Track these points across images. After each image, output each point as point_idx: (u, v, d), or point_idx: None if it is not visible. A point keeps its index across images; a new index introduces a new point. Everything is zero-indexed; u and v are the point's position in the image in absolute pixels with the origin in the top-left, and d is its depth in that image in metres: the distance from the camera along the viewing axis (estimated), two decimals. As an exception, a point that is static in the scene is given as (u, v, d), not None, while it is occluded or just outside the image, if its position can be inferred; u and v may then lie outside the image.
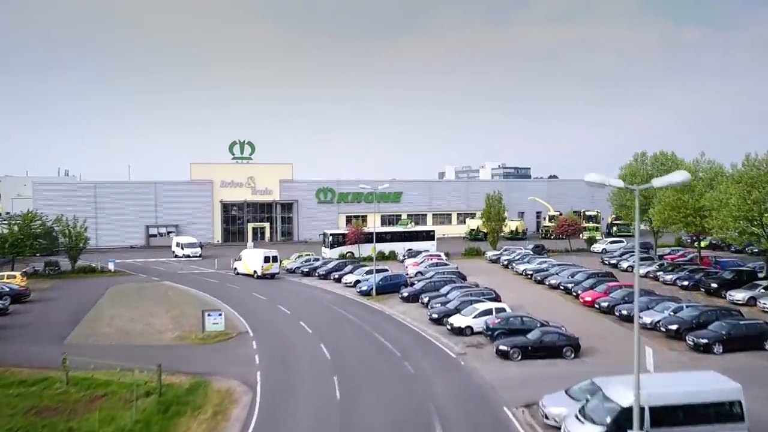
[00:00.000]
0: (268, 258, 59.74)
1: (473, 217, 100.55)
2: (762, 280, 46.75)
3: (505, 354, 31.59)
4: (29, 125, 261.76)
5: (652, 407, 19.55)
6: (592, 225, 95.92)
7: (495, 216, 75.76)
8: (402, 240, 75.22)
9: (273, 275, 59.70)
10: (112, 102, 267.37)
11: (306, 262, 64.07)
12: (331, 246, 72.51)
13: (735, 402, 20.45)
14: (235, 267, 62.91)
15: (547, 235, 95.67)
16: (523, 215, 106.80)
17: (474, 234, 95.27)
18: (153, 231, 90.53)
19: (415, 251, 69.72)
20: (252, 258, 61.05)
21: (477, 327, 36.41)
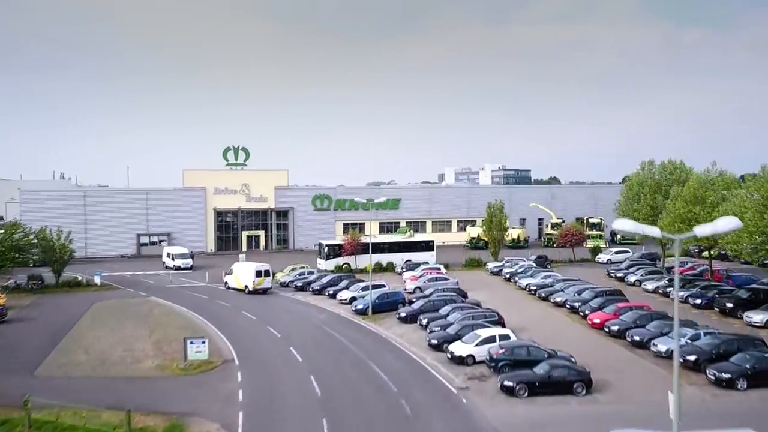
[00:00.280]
0: (260, 272, 57.13)
1: (474, 225, 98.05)
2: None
3: (511, 390, 29.04)
4: (26, 126, 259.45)
5: None
6: (595, 233, 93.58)
7: (497, 225, 73.11)
8: (400, 251, 72.63)
9: (265, 290, 57.09)
10: (111, 102, 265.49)
11: (300, 275, 61.49)
12: (327, 257, 69.92)
13: None
14: (226, 281, 60.30)
15: (550, 243, 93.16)
16: (525, 222, 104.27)
17: (475, 242, 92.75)
18: (144, 240, 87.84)
19: (414, 263, 67.24)
20: (243, 272, 58.41)
21: (479, 356, 33.86)
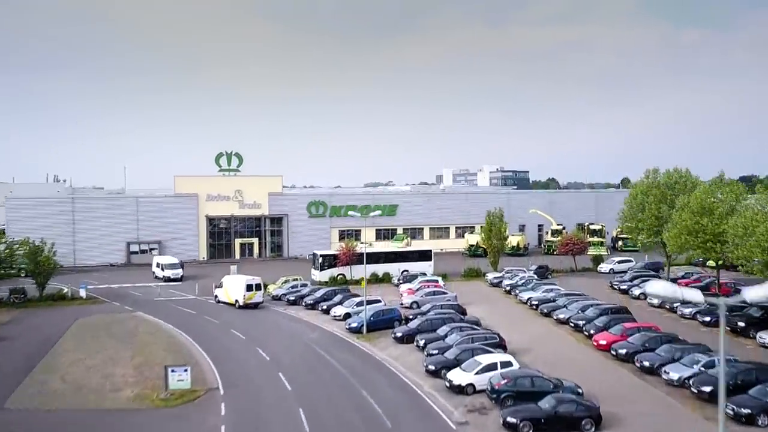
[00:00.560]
0: (251, 286, 54.93)
1: (472, 232, 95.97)
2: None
3: (514, 427, 26.91)
4: (24, 126, 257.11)
5: None
6: (596, 239, 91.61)
7: (496, 234, 70.94)
8: (397, 261, 70.46)
9: (256, 305, 54.93)
10: (110, 102, 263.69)
11: (293, 288, 59.31)
12: (321, 268, 67.72)
13: None
14: (216, 295, 58.09)
15: (550, 251, 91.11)
16: (524, 228, 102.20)
17: (473, 250, 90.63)
18: (134, 248, 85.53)
19: (411, 275, 65.11)
20: (234, 285, 56.18)
21: (480, 385, 31.78)
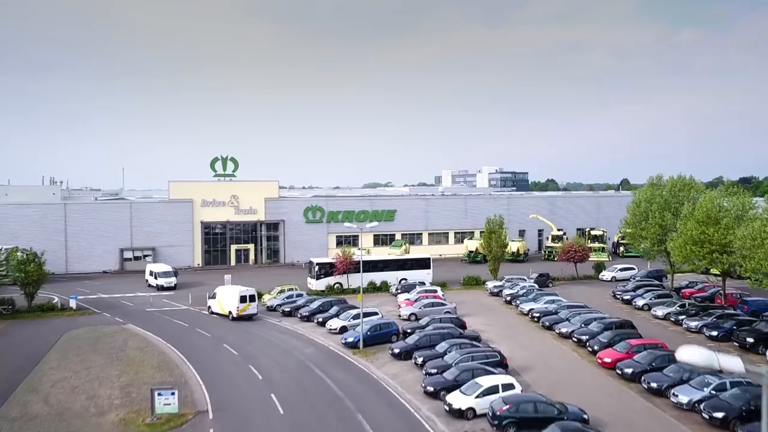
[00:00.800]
0: (244, 297, 53.50)
1: (471, 238, 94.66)
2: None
3: (517, 459, 25.59)
4: (23, 127, 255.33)
5: None
6: (597, 245, 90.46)
7: (496, 241, 69.51)
8: (395, 269, 69.08)
9: (250, 317, 53.55)
10: (109, 103, 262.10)
11: (288, 298, 57.93)
12: (318, 277, 66.34)
13: None
14: (209, 306, 56.67)
15: (551, 257, 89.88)
16: (524, 234, 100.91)
17: (473, 256, 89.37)
18: (128, 254, 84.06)
19: (408, 284, 63.71)
20: (227, 297, 54.75)
21: (481, 409, 30.37)
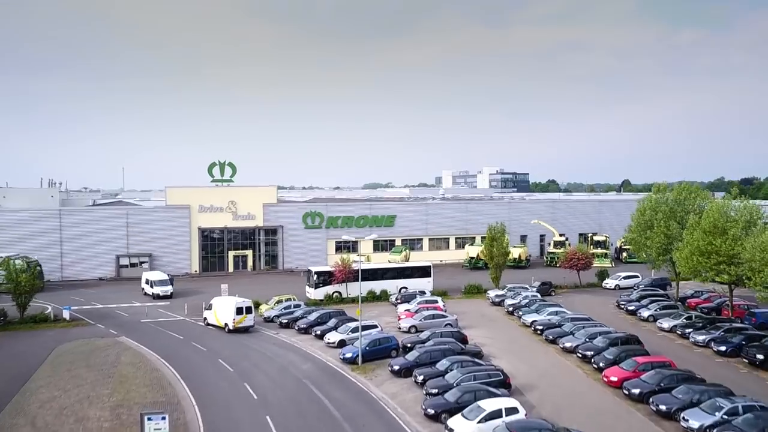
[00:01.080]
0: (240, 309, 52.32)
1: (472, 243, 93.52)
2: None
3: (522, 492, 24.42)
4: (18, 128, 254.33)
5: None
6: (600, 251, 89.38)
7: (498, 249, 68.29)
8: (395, 277, 67.91)
9: (246, 329, 52.41)
10: (108, 103, 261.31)
11: (286, 309, 56.80)
12: (316, 286, 65.19)
13: None
14: (205, 317, 55.54)
15: (553, 263, 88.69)
16: (526, 239, 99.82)
17: (474, 262, 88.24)
18: (124, 261, 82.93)
19: (408, 294, 62.57)
20: (223, 308, 53.57)
21: (483, 435, 29.27)
